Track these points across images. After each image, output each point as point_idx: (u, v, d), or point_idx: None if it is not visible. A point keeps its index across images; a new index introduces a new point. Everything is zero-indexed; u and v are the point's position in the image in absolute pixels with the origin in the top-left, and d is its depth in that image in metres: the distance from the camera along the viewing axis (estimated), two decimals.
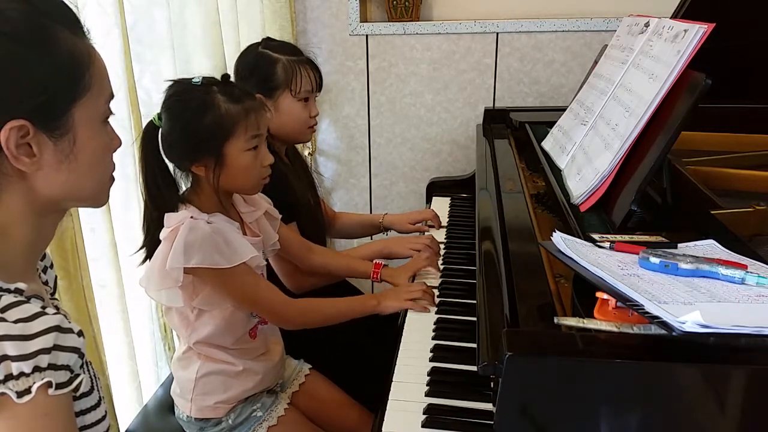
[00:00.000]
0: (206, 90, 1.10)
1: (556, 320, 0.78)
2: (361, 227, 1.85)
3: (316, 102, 1.53)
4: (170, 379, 1.32)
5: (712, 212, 0.98)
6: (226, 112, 1.09)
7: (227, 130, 1.10)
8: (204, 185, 1.14)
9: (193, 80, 1.11)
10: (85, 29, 0.71)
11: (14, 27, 0.65)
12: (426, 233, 1.69)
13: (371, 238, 2.17)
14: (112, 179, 0.78)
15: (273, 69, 1.44)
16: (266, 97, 1.44)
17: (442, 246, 1.59)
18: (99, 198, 0.78)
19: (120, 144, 0.78)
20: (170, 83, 1.13)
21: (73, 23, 0.70)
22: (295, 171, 1.56)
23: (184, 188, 1.18)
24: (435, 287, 1.35)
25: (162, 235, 1.10)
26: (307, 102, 1.49)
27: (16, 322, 0.62)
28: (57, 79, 0.67)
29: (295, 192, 1.47)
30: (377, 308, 1.27)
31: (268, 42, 1.50)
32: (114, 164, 0.78)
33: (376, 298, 1.29)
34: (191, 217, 1.09)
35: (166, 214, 1.11)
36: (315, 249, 1.45)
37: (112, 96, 0.74)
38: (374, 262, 1.44)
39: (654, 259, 0.82)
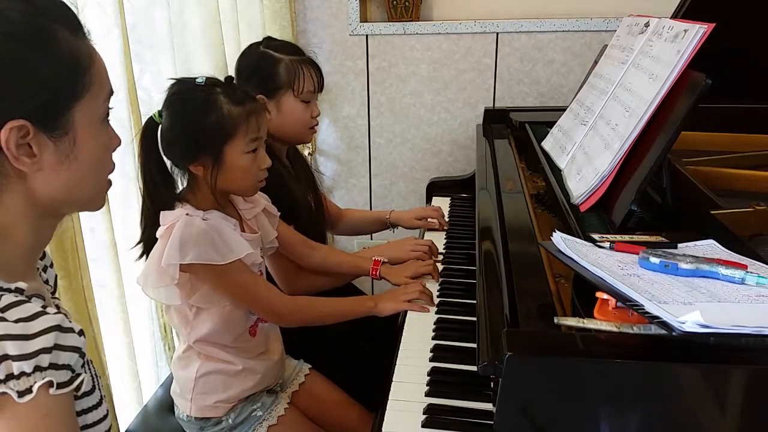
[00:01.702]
0: (209, 90, 1.10)
1: (556, 320, 0.78)
2: (368, 224, 1.85)
3: (317, 102, 1.53)
4: (170, 379, 1.32)
5: (712, 212, 0.98)
6: (228, 113, 1.09)
7: (228, 131, 1.10)
8: (201, 184, 1.14)
9: (196, 80, 1.11)
10: (86, 30, 0.71)
11: (15, 27, 0.65)
12: (425, 235, 1.69)
13: (371, 238, 2.17)
14: (109, 183, 0.78)
15: (275, 69, 1.44)
16: (268, 97, 1.44)
17: (441, 246, 1.59)
18: (96, 200, 0.77)
19: (119, 143, 0.78)
20: (173, 82, 1.13)
21: (73, 24, 0.70)
22: (295, 173, 1.55)
23: (181, 186, 1.18)
24: (436, 288, 1.35)
25: (158, 233, 1.11)
26: (309, 103, 1.48)
27: (16, 321, 0.62)
28: (57, 79, 0.67)
29: (293, 195, 1.47)
30: (374, 309, 1.26)
31: (269, 42, 1.49)
32: (114, 164, 0.78)
33: (373, 299, 1.29)
34: (187, 214, 1.09)
35: (161, 212, 1.11)
36: (315, 246, 1.45)
37: (111, 93, 0.74)
38: (373, 259, 1.44)
39: (654, 259, 0.82)
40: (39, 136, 0.67)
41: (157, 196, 1.13)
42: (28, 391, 0.61)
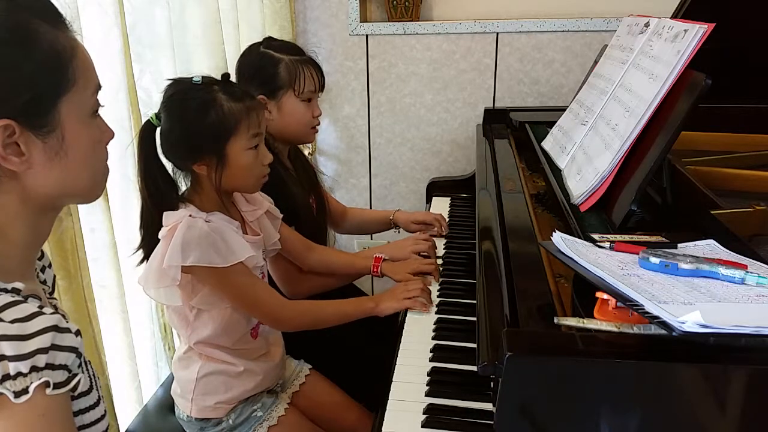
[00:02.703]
0: (207, 89, 1.10)
1: (556, 320, 0.78)
2: (371, 223, 1.84)
3: (318, 102, 1.52)
4: (170, 379, 1.32)
5: (712, 212, 0.98)
6: (228, 111, 1.09)
7: (230, 129, 1.10)
8: (204, 184, 1.14)
9: (193, 79, 1.11)
10: (67, 22, 0.70)
11: None
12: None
13: (371, 238, 2.16)
14: (107, 172, 0.77)
15: (276, 69, 1.43)
16: (269, 97, 1.43)
17: (441, 246, 1.59)
18: (93, 192, 0.77)
19: (112, 136, 0.77)
20: (169, 83, 1.13)
21: (52, 16, 0.68)
22: (296, 174, 1.55)
23: (183, 187, 1.17)
24: (436, 288, 1.35)
25: (161, 234, 1.10)
26: (310, 102, 1.48)
27: (12, 322, 0.62)
28: (40, 75, 0.66)
29: (293, 197, 1.46)
30: (375, 310, 1.26)
31: (270, 42, 1.49)
32: (107, 155, 0.76)
33: (373, 299, 1.28)
34: (189, 215, 1.09)
35: (164, 213, 1.11)
36: (315, 247, 1.45)
37: (99, 87, 0.73)
38: (374, 256, 1.44)
39: (654, 259, 0.82)
40: (26, 135, 0.66)
41: (160, 200, 1.12)
42: (25, 391, 0.61)
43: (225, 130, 1.10)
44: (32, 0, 0.68)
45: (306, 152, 2.33)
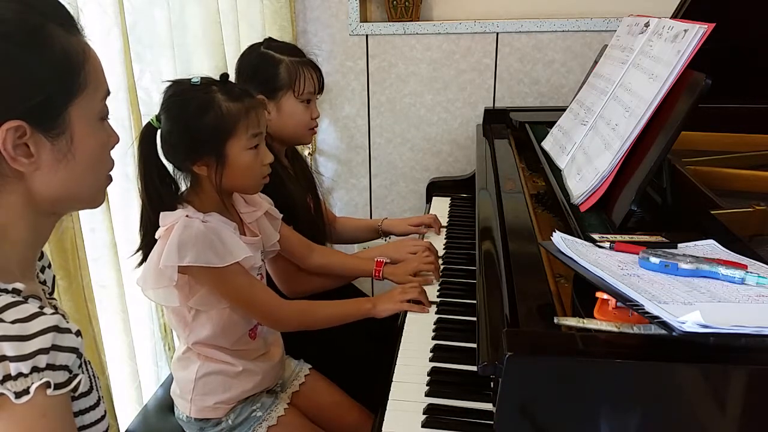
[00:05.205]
0: (206, 89, 1.10)
1: (556, 320, 0.78)
2: (359, 232, 1.83)
3: (316, 103, 1.53)
4: (170, 379, 1.32)
5: (712, 212, 0.98)
6: (227, 111, 1.09)
7: (229, 129, 1.10)
8: (204, 185, 1.14)
9: (192, 80, 1.11)
10: (79, 26, 0.71)
11: (7, 27, 0.64)
12: (424, 237, 1.69)
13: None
14: (109, 179, 0.78)
15: (276, 70, 1.44)
16: (268, 98, 1.43)
17: (441, 246, 1.59)
18: (96, 198, 0.77)
19: (118, 140, 0.77)
20: (169, 84, 1.13)
21: (66, 20, 0.69)
22: (294, 173, 1.55)
23: (183, 189, 1.17)
24: (435, 288, 1.35)
25: (158, 234, 1.11)
26: (309, 104, 1.48)
27: (13, 322, 0.62)
28: (52, 78, 0.67)
29: (292, 196, 1.46)
30: (372, 311, 1.26)
31: (270, 42, 1.49)
32: (113, 161, 0.77)
33: (371, 301, 1.28)
34: (186, 215, 1.09)
35: (161, 213, 1.11)
36: (316, 248, 1.45)
37: (108, 93, 0.74)
38: (376, 260, 1.44)
39: (654, 259, 0.82)
40: (36, 136, 0.67)
41: (159, 203, 1.12)
42: (26, 392, 0.61)
43: (224, 130, 1.10)
44: (46, 3, 0.68)
45: (306, 152, 2.33)
